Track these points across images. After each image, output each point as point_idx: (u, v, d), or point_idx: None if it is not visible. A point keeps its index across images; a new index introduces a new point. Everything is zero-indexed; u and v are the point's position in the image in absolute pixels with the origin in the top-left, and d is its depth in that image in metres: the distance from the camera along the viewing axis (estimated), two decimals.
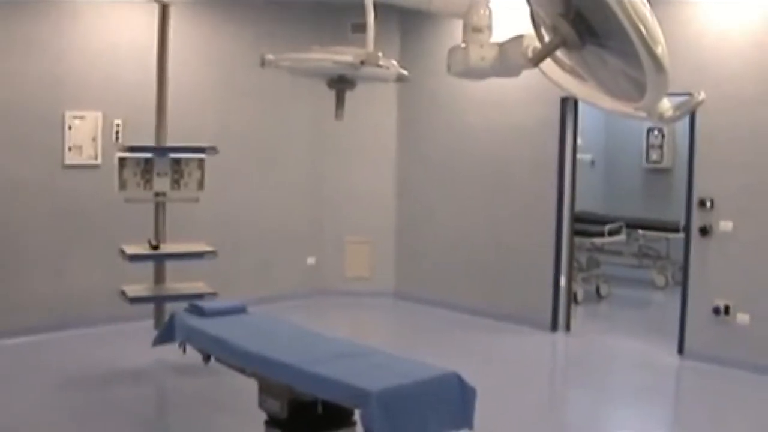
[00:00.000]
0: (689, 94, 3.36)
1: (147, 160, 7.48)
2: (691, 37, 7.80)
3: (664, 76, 2.70)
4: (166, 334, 6.60)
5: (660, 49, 2.62)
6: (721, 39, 7.67)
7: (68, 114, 8.35)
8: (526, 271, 9.31)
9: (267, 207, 10.16)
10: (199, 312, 6.35)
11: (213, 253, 7.69)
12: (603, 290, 11.07)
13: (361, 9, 4.69)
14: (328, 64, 4.75)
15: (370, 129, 10.64)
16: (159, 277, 7.71)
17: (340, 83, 5.02)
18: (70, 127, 8.36)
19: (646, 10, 2.59)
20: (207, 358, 6.06)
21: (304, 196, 10.61)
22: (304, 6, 10.00)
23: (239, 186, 9.80)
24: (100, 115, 8.54)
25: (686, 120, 7.69)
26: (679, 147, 11.57)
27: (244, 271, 9.82)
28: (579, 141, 9.35)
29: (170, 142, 7.63)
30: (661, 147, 12.57)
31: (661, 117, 3.45)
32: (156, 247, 7.51)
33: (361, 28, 4.69)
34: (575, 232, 9.54)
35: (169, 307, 7.33)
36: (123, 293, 7.39)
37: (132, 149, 7.47)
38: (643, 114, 3.43)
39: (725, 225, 7.69)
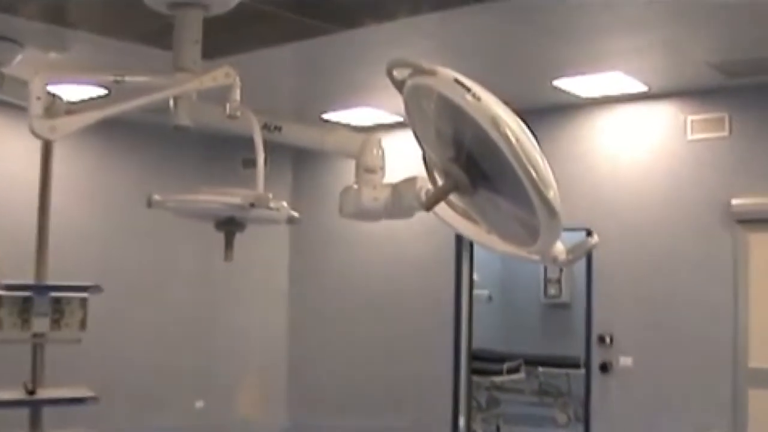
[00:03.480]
0: (587, 231, 3.36)
1: (25, 299, 7.11)
2: (585, 171, 7.99)
3: (556, 221, 2.64)
4: None
5: (552, 194, 2.56)
6: (613, 171, 7.89)
7: None
8: (423, 411, 9.14)
9: (153, 348, 9.80)
10: None
11: (95, 399, 7.26)
12: (504, 430, 10.89)
13: (253, 144, 4.59)
14: (217, 206, 4.59)
15: (262, 266, 10.46)
16: (35, 424, 7.20)
17: (229, 225, 4.86)
18: None
19: (536, 153, 2.53)
20: None
21: (192, 336, 10.29)
22: (194, 138, 9.82)
23: (124, 325, 9.46)
24: None
25: None
26: (577, 281, 11.65)
27: (129, 416, 9.36)
28: (475, 277, 9.41)
29: (51, 280, 7.27)
30: (559, 282, 12.68)
31: (554, 260, 3.43)
32: (32, 392, 7.05)
33: (252, 163, 4.55)
34: (473, 371, 9.43)
35: None
36: None
37: (9, 287, 7.11)
38: (536, 257, 3.38)
39: (625, 360, 7.75)
